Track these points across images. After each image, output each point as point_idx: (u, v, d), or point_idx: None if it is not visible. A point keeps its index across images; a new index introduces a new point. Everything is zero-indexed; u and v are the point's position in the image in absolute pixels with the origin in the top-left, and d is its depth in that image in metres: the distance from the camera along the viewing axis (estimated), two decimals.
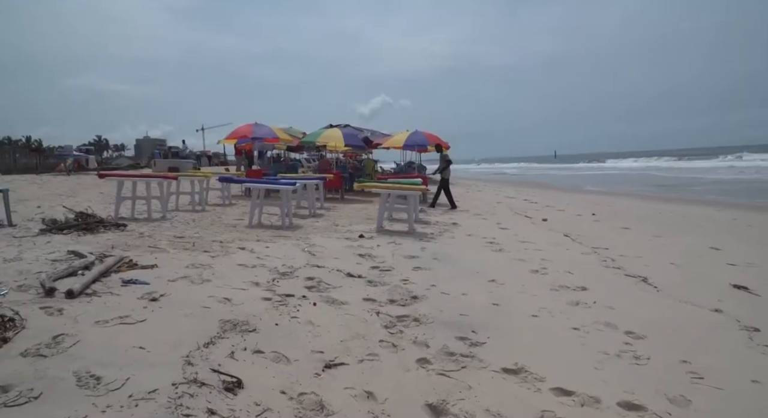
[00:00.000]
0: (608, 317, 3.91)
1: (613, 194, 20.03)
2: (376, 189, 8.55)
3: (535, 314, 3.97)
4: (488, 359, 3.00)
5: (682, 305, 4.35)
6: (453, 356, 3.03)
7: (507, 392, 2.60)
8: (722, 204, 15.13)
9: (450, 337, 3.36)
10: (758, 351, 3.28)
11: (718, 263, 6.13)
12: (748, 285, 4.98)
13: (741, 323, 3.82)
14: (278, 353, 2.89)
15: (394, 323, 3.57)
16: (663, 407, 2.46)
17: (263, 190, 8.42)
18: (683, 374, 2.87)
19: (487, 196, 17.25)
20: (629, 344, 3.34)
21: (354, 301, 4.05)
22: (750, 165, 39.74)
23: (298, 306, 3.79)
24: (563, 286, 4.86)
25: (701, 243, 7.53)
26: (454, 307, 4.03)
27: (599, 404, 2.48)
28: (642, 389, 2.65)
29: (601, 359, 3.08)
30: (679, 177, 31.36)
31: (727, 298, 4.56)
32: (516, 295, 4.53)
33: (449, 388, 2.60)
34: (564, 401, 2.51)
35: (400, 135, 15.57)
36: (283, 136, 15.45)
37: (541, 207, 13.39)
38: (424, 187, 9.26)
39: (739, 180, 26.54)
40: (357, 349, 3.06)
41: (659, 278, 5.29)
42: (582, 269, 5.64)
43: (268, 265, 5.08)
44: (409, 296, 4.28)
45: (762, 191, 19.40)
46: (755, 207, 14.06)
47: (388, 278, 4.90)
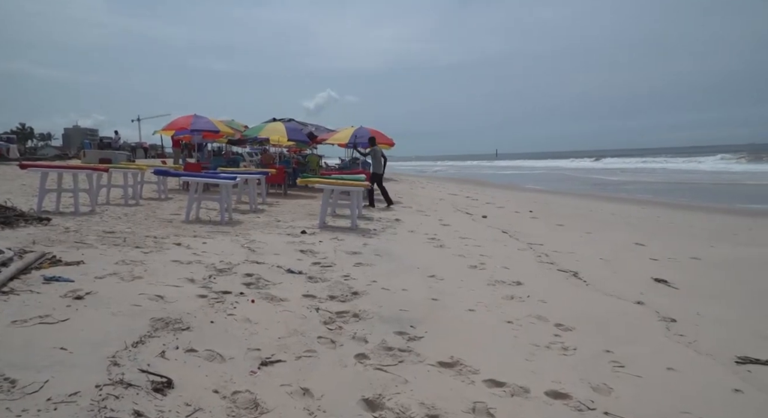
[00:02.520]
0: (540, 310, 4.07)
1: (550, 192, 20.83)
2: (319, 185, 8.48)
3: (472, 309, 4.07)
4: (425, 353, 3.05)
5: (608, 298, 4.59)
6: (391, 351, 3.06)
7: (442, 384, 2.65)
8: (648, 202, 16.08)
9: (389, 332, 3.39)
10: (674, 340, 3.51)
11: (642, 258, 6.51)
12: (668, 279, 5.32)
13: (660, 314, 4.08)
14: (212, 351, 2.82)
15: (333, 319, 3.56)
16: (586, 395, 2.59)
17: (202, 184, 8.16)
18: (606, 364, 3.03)
19: (431, 193, 17.51)
20: (558, 336, 3.49)
21: (293, 297, 4.01)
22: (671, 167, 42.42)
23: (235, 303, 3.71)
24: (500, 281, 5.01)
25: (628, 239, 7.96)
26: (394, 302, 4.07)
27: (528, 394, 2.58)
28: (568, 379, 2.78)
29: (532, 351, 3.20)
30: (612, 177, 33.03)
31: (648, 291, 4.85)
32: (454, 290, 4.62)
33: (386, 382, 2.63)
34: (496, 392, 2.59)
35: (345, 131, 15.51)
36: (224, 128, 15.04)
37: (482, 204, 13.73)
38: (368, 184, 9.27)
39: (663, 181, 28.25)
40: (295, 346, 3.03)
41: (589, 272, 5.55)
42: (518, 265, 5.83)
43: (205, 261, 4.94)
44: (350, 291, 4.29)
45: (683, 191, 20.77)
46: (677, 206, 15.03)
47: (329, 274, 4.88)
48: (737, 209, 14.29)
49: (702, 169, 37.26)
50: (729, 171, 34.31)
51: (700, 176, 30.15)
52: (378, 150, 12.35)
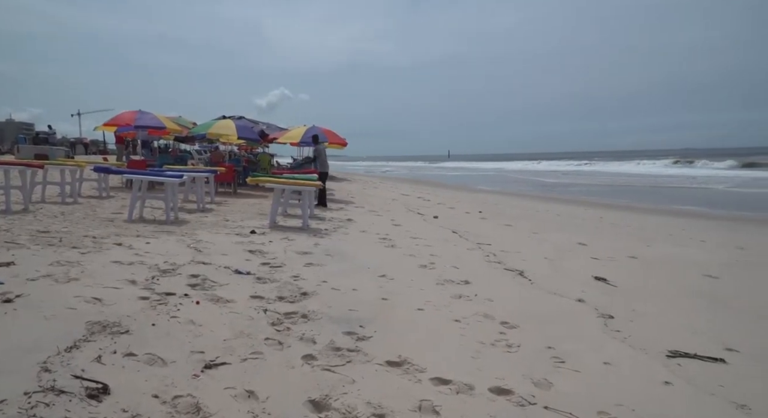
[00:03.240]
0: (487, 309, 4.16)
1: (500, 194, 21.35)
2: (269, 184, 8.35)
3: (421, 308, 4.11)
4: (373, 353, 3.06)
5: (551, 296, 4.75)
6: (339, 351, 3.05)
7: (389, 384, 2.67)
8: (592, 203, 16.75)
9: (337, 332, 3.37)
10: (611, 336, 3.67)
11: (584, 258, 6.77)
12: (607, 277, 5.55)
13: (599, 311, 4.26)
14: (153, 355, 2.72)
15: (281, 320, 3.52)
16: (528, 390, 2.67)
17: (146, 182, 7.87)
18: (548, 359, 3.14)
19: (383, 194, 17.58)
20: (504, 334, 3.58)
21: (241, 298, 3.93)
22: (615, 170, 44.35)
23: (179, 305, 3.60)
24: (448, 280, 5.09)
25: (571, 239, 8.26)
26: (344, 302, 4.06)
27: (473, 391, 2.63)
28: (511, 375, 2.85)
29: (478, 349, 3.27)
30: (560, 178, 34.20)
31: (589, 289, 5.04)
32: (404, 289, 4.66)
33: (333, 383, 2.62)
34: (441, 390, 2.63)
35: (297, 130, 15.32)
36: (170, 125, 14.54)
37: (434, 205, 13.91)
38: (320, 183, 9.21)
39: (606, 183, 29.49)
40: (241, 348, 2.97)
41: (534, 271, 5.72)
42: (467, 264, 5.94)
43: (148, 262, 4.77)
44: (299, 292, 4.24)
45: (624, 193, 21.75)
46: (618, 207, 15.72)
47: (278, 274, 4.81)
48: (673, 210, 15.10)
49: (641, 172, 39.16)
50: (665, 174, 36.22)
51: (639, 179, 31.67)
52: (322, 148, 12.24)
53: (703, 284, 5.51)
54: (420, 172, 50.58)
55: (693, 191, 22.50)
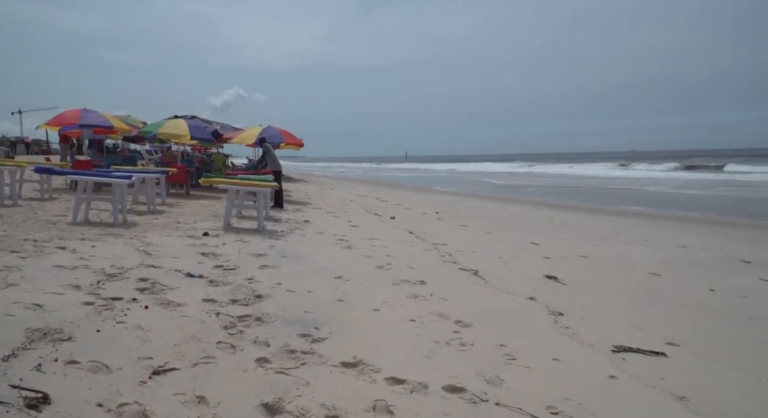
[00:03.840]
0: (442, 308, 4.21)
1: (457, 194, 21.68)
2: (223, 185, 8.18)
3: (377, 308, 4.12)
4: (328, 354, 3.04)
5: (504, 294, 4.85)
6: (293, 354, 3.02)
7: (344, 385, 2.66)
8: (544, 204, 17.24)
9: (292, 334, 3.34)
10: (560, 333, 3.79)
11: (536, 257, 6.95)
12: (558, 275, 5.72)
13: (549, 309, 4.38)
14: (97, 362, 2.61)
15: (234, 324, 3.45)
16: (480, 388, 2.72)
17: (92, 183, 7.56)
18: (500, 357, 3.20)
19: (341, 195, 17.53)
20: (458, 332, 3.63)
21: (192, 302, 3.83)
22: (570, 172, 45.79)
23: (126, 310, 3.47)
24: (405, 280, 5.12)
25: (524, 239, 8.47)
26: (299, 304, 4.02)
27: (427, 390, 2.66)
28: (465, 373, 2.90)
29: (432, 348, 3.30)
30: (509, 180, 35.03)
31: (540, 287, 5.18)
32: (361, 290, 4.66)
33: (287, 386, 2.59)
34: (396, 390, 2.64)
35: (252, 130, 15.06)
36: (118, 124, 14.02)
37: (391, 205, 13.97)
38: (276, 184, 9.09)
39: (559, 184, 30.42)
40: (191, 352, 2.90)
41: (488, 270, 5.83)
42: (422, 264, 6.00)
43: (93, 266, 4.58)
44: (253, 295, 4.17)
45: (576, 194, 22.49)
46: (570, 207, 16.24)
47: (231, 277, 4.72)
48: (620, 210, 15.73)
49: (588, 174, 40.59)
50: (613, 176, 37.67)
51: (587, 180, 32.82)
52: (269, 146, 12.11)
53: (647, 281, 5.75)
54: (378, 173, 50.71)
55: (638, 192, 23.50)
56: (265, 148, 12.00)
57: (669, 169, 42.63)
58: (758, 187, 25.14)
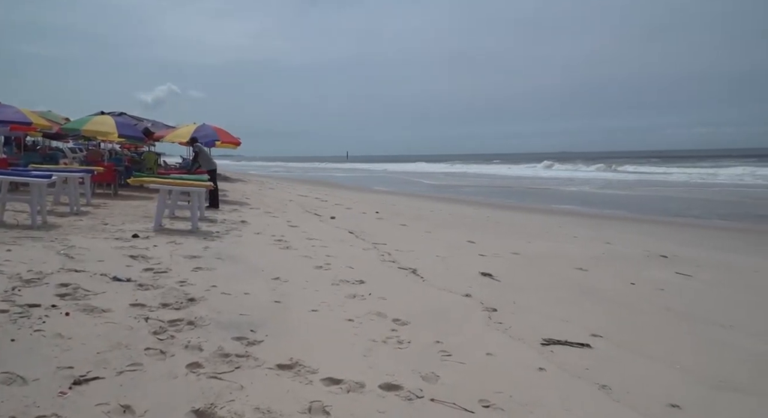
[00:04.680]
0: (380, 307, 4.24)
1: (397, 194, 21.87)
2: (154, 184, 7.84)
3: (315, 309, 4.09)
4: (264, 357, 2.99)
5: (441, 292, 4.95)
6: (227, 358, 2.94)
7: (279, 387, 2.62)
8: (481, 203, 17.73)
9: (227, 338, 3.25)
10: (494, 328, 3.91)
11: (472, 254, 7.13)
12: (493, 272, 5.89)
13: (484, 305, 4.51)
14: (11, 373, 2.44)
15: (165, 329, 3.32)
16: (416, 385, 2.76)
17: (6, 182, 7.03)
18: (436, 353, 3.26)
19: (279, 194, 17.26)
20: (395, 331, 3.67)
21: (119, 307, 3.65)
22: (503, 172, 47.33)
23: (44, 317, 3.26)
24: (344, 280, 5.11)
25: (461, 237, 8.66)
26: (234, 307, 3.93)
27: (363, 389, 2.67)
28: (401, 371, 2.93)
29: (369, 347, 3.32)
30: (449, 180, 35.78)
31: (475, 284, 5.32)
32: (299, 291, 4.61)
33: (220, 390, 2.52)
34: (332, 390, 2.64)
35: (186, 128, 14.49)
36: (38, 121, 13.11)
37: (332, 205, 13.90)
38: (210, 184, 8.81)
39: (495, 184, 31.37)
40: (117, 360, 2.76)
41: (426, 269, 5.92)
42: (362, 264, 6.01)
43: (8, 271, 4.27)
44: (186, 298, 4.03)
45: (510, 193, 23.30)
46: (504, 206, 16.79)
47: (162, 280, 4.54)
48: (551, 209, 16.43)
49: (522, 174, 42.15)
50: (543, 176, 39.29)
51: (521, 180, 34.07)
52: (201, 145, 11.83)
53: (574, 276, 6.04)
54: (318, 172, 50.33)
55: (567, 192, 24.63)
56: (197, 148, 11.69)
57: (597, 170, 44.97)
58: (674, 186, 26.99)
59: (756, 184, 27.10)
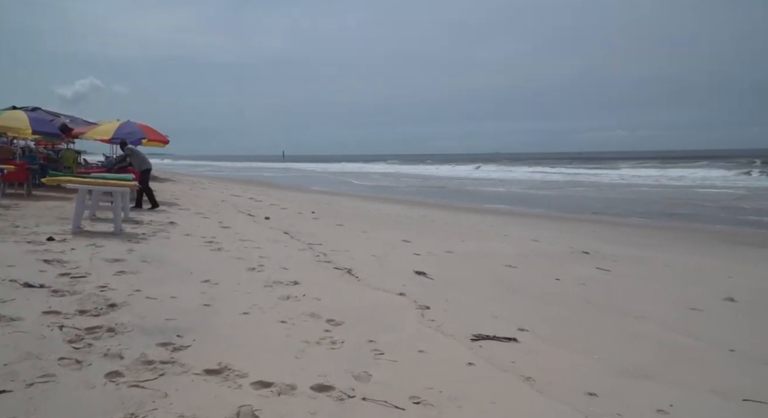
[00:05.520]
0: (314, 308, 4.20)
1: (333, 194, 21.78)
2: (72, 184, 7.37)
3: (246, 312, 4.00)
4: (191, 363, 2.89)
5: (376, 291, 4.97)
6: (151, 365, 2.82)
7: (206, 393, 2.54)
8: (417, 203, 18.00)
9: (150, 344, 3.12)
10: (426, 326, 3.98)
11: (407, 253, 7.22)
12: (427, 271, 5.99)
13: (417, 303, 4.57)
14: None
15: (81, 337, 3.13)
16: (349, 384, 2.76)
17: None
18: (369, 352, 3.28)
19: (211, 194, 16.73)
20: (329, 331, 3.65)
21: (30, 315, 3.40)
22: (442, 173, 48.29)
23: None
24: (277, 281, 5.03)
25: (397, 237, 8.75)
26: (160, 311, 3.77)
27: (295, 391, 2.64)
28: (334, 371, 2.92)
29: (302, 348, 3.28)
30: (387, 180, 36.06)
31: (410, 283, 5.39)
32: (230, 294, 4.48)
33: (142, 399, 2.41)
34: (263, 393, 2.59)
35: (109, 125, 13.70)
36: None
37: (266, 206, 13.64)
38: (135, 184, 8.40)
39: (429, 184, 31.94)
40: (27, 372, 2.57)
41: (361, 269, 5.94)
42: (297, 265, 5.93)
43: None
44: (106, 304, 3.82)
45: (445, 194, 23.81)
46: (438, 206, 17.13)
47: (81, 285, 4.28)
48: (483, 208, 16.95)
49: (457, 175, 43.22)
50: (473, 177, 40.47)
51: (455, 181, 34.91)
52: (133, 147, 11.44)
53: (504, 273, 6.26)
54: (253, 172, 49.20)
55: (499, 192, 25.49)
56: (128, 151, 11.22)
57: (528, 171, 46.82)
58: (597, 186, 28.57)
59: (669, 184, 29.18)
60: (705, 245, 9.99)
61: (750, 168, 37.35)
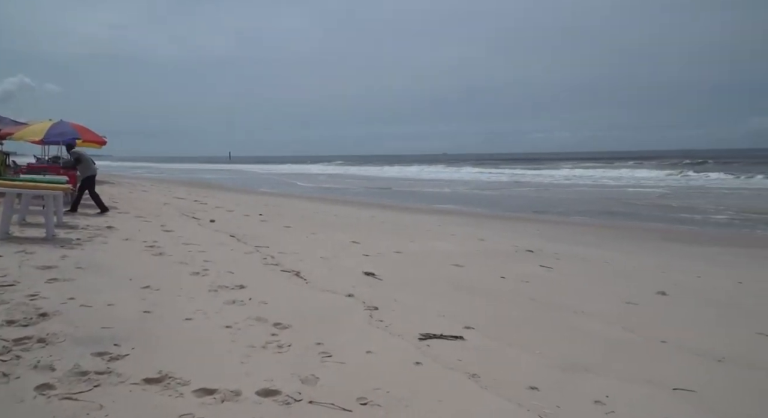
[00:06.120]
0: (261, 311, 4.13)
1: (282, 196, 21.48)
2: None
3: (190, 318, 3.88)
4: (129, 372, 2.77)
5: (324, 293, 4.94)
6: (85, 376, 2.69)
7: (145, 403, 2.45)
8: (366, 204, 18.01)
9: (85, 354, 2.97)
10: (374, 326, 3.99)
11: (356, 255, 7.21)
12: (376, 271, 6.01)
13: (366, 304, 4.58)
14: None
15: (9, 348, 2.95)
16: (295, 388, 2.73)
17: None
18: (316, 355, 3.25)
19: (154, 197, 16.13)
20: (275, 335, 3.60)
21: None
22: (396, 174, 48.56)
23: None
24: (222, 286, 4.91)
25: (346, 238, 8.73)
26: (96, 320, 3.60)
27: (239, 397, 2.58)
28: (280, 375, 2.88)
29: (248, 353, 3.21)
30: (339, 181, 35.93)
31: (359, 284, 5.39)
32: (172, 299, 4.34)
33: (75, 412, 2.29)
34: (205, 401, 2.52)
35: (40, 125, 12.96)
36: None
37: (212, 208, 13.28)
38: (68, 186, 7.97)
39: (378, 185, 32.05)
40: None
41: (310, 271, 5.88)
42: (243, 268, 5.81)
43: None
44: (36, 313, 3.61)
45: (394, 194, 23.96)
46: (388, 206, 17.22)
47: (8, 294, 4.03)
48: (432, 208, 17.17)
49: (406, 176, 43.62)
50: (432, 178, 40.98)
51: (403, 182, 35.22)
52: (81, 151, 11.05)
53: (451, 273, 6.36)
54: (198, 174, 47.78)
55: (447, 192, 25.92)
56: (76, 155, 10.77)
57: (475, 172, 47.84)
58: (541, 186, 29.55)
59: (609, 184, 30.54)
60: (640, 242, 10.51)
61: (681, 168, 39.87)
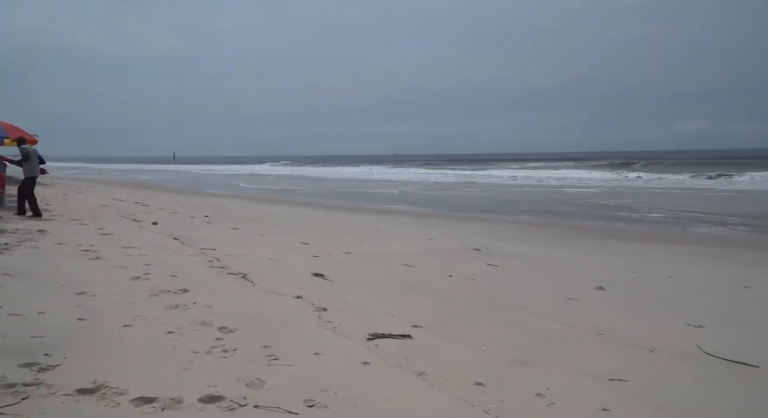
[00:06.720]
0: (205, 315, 4.02)
1: (230, 197, 20.97)
2: None
3: (129, 324, 3.73)
4: (60, 383, 2.63)
5: (272, 295, 4.86)
6: (12, 388, 2.54)
7: (78, 415, 2.34)
8: (315, 205, 17.87)
9: (12, 366, 2.80)
10: (323, 327, 3.96)
11: (305, 256, 7.13)
12: (325, 273, 5.96)
13: (315, 306, 4.53)
14: None
15: None
16: (240, 393, 2.67)
17: None
18: (263, 359, 3.20)
19: (91, 199, 15.39)
20: (220, 339, 3.51)
21: None
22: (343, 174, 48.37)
23: None
24: (165, 290, 4.74)
25: (295, 239, 8.62)
26: (24, 329, 3.40)
27: (180, 404, 2.50)
28: (224, 380, 2.81)
29: (191, 359, 3.12)
30: (288, 182, 35.45)
31: (307, 285, 5.34)
32: (109, 306, 4.16)
33: None
34: (144, 410, 2.42)
35: None
36: None
37: (154, 210, 12.80)
38: None
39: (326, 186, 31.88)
40: None
41: (257, 273, 5.77)
42: (187, 272, 5.63)
43: None
44: None
45: (338, 195, 23.90)
46: (337, 207, 17.14)
47: None
48: (382, 209, 17.23)
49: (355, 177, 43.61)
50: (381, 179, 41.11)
51: (353, 183, 35.20)
52: (31, 149, 10.47)
53: (401, 272, 6.40)
54: (140, 174, 45.98)
55: (397, 192, 26.08)
56: (24, 151, 10.23)
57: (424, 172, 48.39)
58: (488, 187, 30.23)
59: (555, 185, 31.57)
60: (580, 240, 10.93)
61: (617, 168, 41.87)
